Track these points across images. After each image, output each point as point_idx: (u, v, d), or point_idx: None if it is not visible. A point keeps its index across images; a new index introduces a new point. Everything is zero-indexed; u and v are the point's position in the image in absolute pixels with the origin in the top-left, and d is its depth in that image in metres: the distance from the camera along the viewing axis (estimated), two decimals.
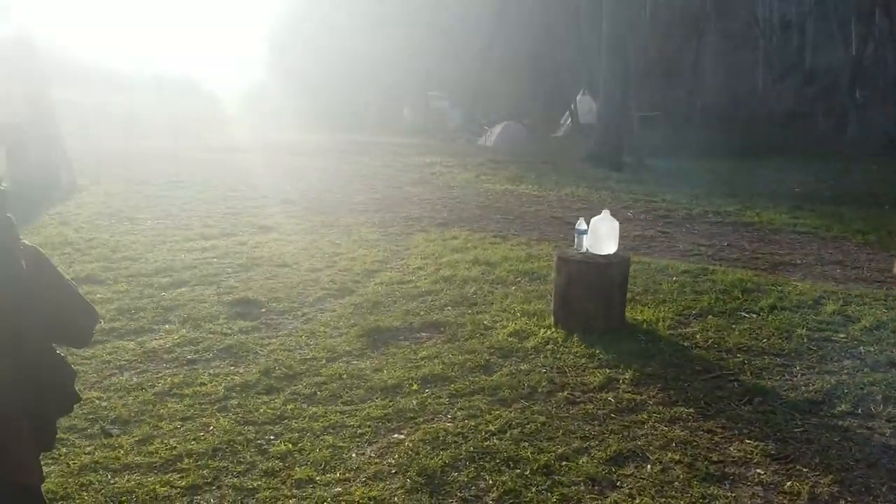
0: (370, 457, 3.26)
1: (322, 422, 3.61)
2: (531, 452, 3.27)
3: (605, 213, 4.89)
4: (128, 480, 3.04)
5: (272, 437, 3.45)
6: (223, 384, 4.03)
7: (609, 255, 4.85)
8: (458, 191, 12.19)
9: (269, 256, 7.03)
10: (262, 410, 3.72)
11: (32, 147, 10.92)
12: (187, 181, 12.01)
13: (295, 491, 3.00)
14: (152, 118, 22.00)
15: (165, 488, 2.99)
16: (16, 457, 1.81)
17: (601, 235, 4.84)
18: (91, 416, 3.55)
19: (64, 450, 3.25)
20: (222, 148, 17.49)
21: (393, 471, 3.14)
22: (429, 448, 3.31)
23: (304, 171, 13.93)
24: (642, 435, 3.46)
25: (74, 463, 3.14)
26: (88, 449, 3.27)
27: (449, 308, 5.39)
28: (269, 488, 3.00)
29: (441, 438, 3.39)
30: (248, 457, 3.26)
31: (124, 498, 2.91)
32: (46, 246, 6.74)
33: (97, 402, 3.73)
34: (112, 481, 3.03)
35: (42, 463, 2.00)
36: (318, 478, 3.08)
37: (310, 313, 5.34)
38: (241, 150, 17.10)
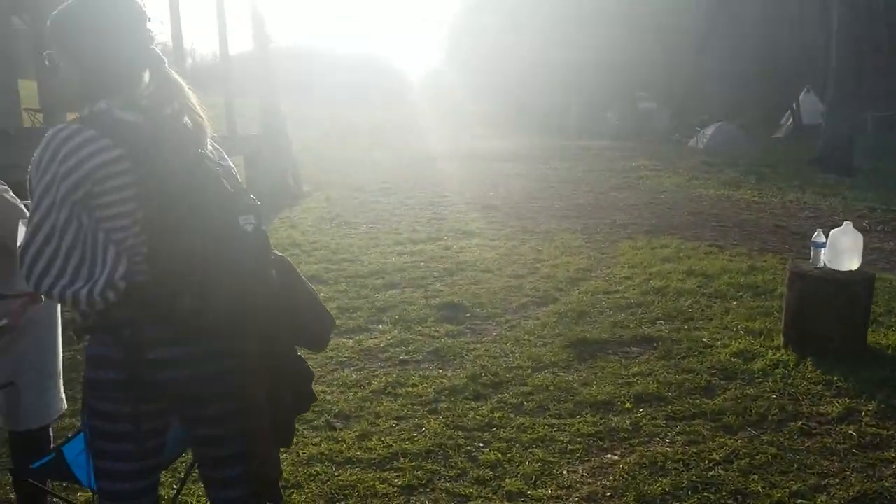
0: (582, 475, 3.15)
1: (530, 433, 3.55)
2: (762, 487, 2.98)
3: (847, 225, 4.38)
4: (350, 474, 3.18)
5: (481, 445, 3.45)
6: (433, 387, 4.11)
7: (851, 272, 4.34)
8: (668, 196, 11.67)
9: (473, 261, 7.13)
10: (470, 416, 3.74)
11: (267, 156, 11.99)
12: (396, 188, 12.60)
13: (507, 503, 2.97)
14: (366, 129, 23.41)
15: (384, 486, 3.09)
16: (264, 452, 1.93)
17: (842, 249, 4.34)
18: (317, 409, 3.77)
19: (294, 440, 3.47)
20: (425, 156, 18.16)
21: (608, 493, 3.01)
22: (646, 473, 3.13)
23: (504, 177, 14.08)
24: (890, 475, 3.03)
25: (304, 453, 3.35)
26: (315, 440, 3.47)
27: (661, 322, 5.12)
28: (480, 497, 3.00)
29: (659, 464, 3.20)
30: (458, 462, 3.28)
31: (347, 491, 3.05)
32: (278, 247, 7.33)
33: (322, 395, 3.96)
34: (336, 474, 3.19)
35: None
36: (529, 492, 3.03)
37: (513, 320, 5.33)
38: (442, 158, 17.66)
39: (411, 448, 3.40)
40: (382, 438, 3.51)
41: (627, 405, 3.81)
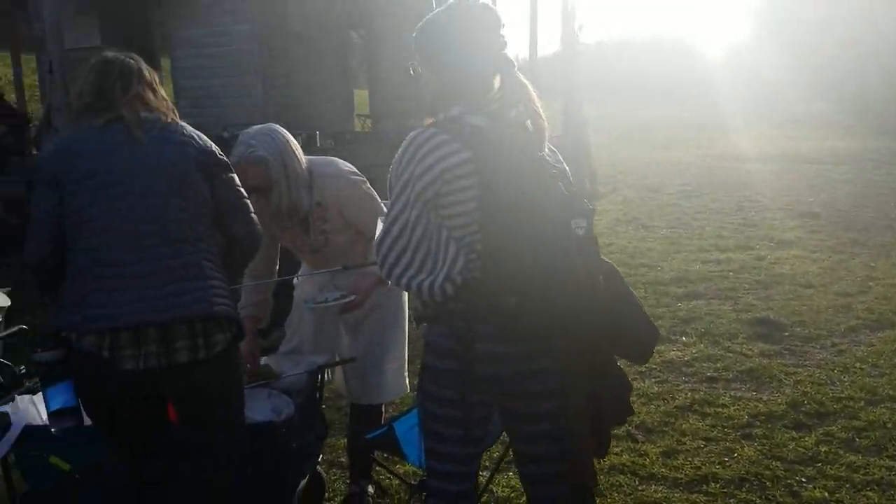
0: None
1: (863, 474, 3.12)
2: None
3: None
4: (654, 491, 3.06)
5: (804, 480, 3.10)
6: (746, 410, 3.80)
7: None
8: None
9: (791, 275, 6.48)
10: (790, 447, 3.39)
11: (566, 158, 12.08)
12: (698, 190, 11.93)
13: None
14: (663, 127, 22.58)
15: None
16: (581, 456, 1.91)
17: None
18: None
19: None
20: (731, 156, 16.96)
21: None
22: None
23: (827, 182, 12.61)
24: None
25: (605, 461, 3.29)
26: (617, 450, 3.39)
27: None
28: None
29: None
30: (778, 495, 2.99)
31: None
32: None
33: None
34: (640, 488, 3.09)
35: None
36: None
37: (841, 344, 4.73)
38: (752, 159, 16.33)
39: (722, 473, 3.17)
40: (689, 458, 3.32)
41: None
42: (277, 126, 2.60)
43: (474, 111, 1.83)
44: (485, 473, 3.13)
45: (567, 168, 1.99)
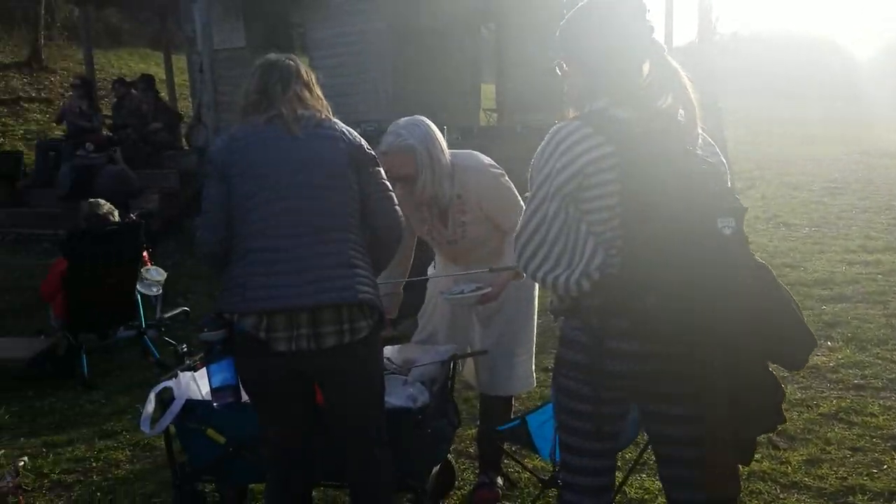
0: None
1: None
2: None
3: None
4: (796, 500, 2.92)
5: None
6: None
7: None
8: None
9: None
10: None
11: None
12: (844, 188, 11.15)
13: None
14: (805, 122, 21.24)
15: None
16: (722, 463, 1.85)
17: None
18: None
19: None
20: (880, 153, 15.71)
21: None
22: None
23: None
24: None
25: (744, 468, 3.17)
26: (757, 456, 3.24)
27: None
28: None
29: None
30: None
31: None
32: None
33: None
34: (781, 496, 2.96)
35: None
36: None
37: None
38: None
39: (871, 485, 2.99)
40: (834, 468, 3.14)
41: None
42: (424, 118, 2.69)
43: (620, 103, 1.81)
44: (619, 474, 3.11)
45: (724, 160, 1.92)
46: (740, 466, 2.79)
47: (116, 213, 5.41)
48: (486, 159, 2.78)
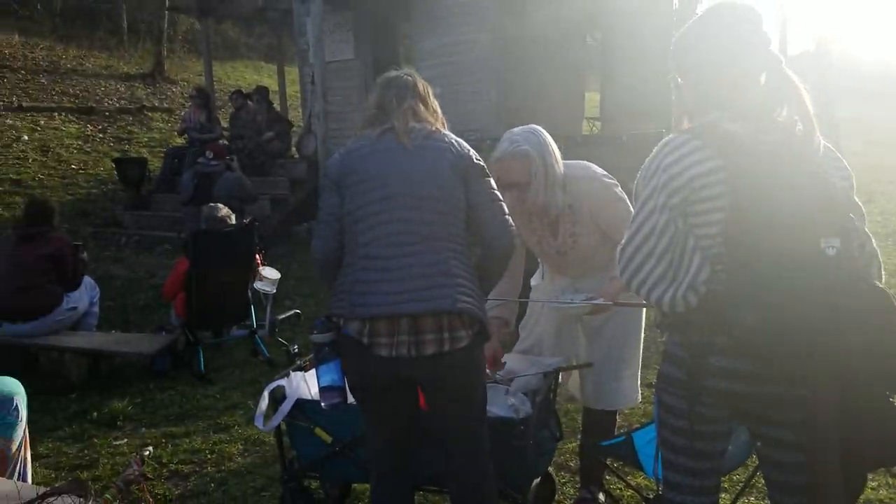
0: None
1: None
2: None
3: None
4: None
5: None
6: None
7: None
8: None
9: None
10: None
11: None
12: None
13: None
14: None
15: None
16: (832, 495, 1.76)
17: None
18: None
19: None
20: None
21: None
22: None
23: None
24: None
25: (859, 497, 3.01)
26: (873, 484, 3.08)
27: None
28: None
29: None
30: None
31: None
32: None
33: None
34: None
35: None
36: None
37: None
38: None
39: None
40: None
41: None
42: (539, 127, 2.70)
43: (733, 116, 1.77)
44: (725, 496, 3.01)
45: (850, 174, 1.84)
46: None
47: (233, 217, 5.71)
48: (599, 170, 2.76)
